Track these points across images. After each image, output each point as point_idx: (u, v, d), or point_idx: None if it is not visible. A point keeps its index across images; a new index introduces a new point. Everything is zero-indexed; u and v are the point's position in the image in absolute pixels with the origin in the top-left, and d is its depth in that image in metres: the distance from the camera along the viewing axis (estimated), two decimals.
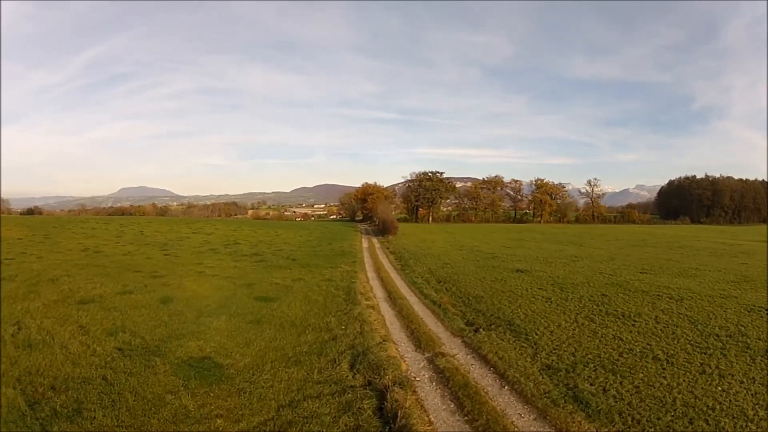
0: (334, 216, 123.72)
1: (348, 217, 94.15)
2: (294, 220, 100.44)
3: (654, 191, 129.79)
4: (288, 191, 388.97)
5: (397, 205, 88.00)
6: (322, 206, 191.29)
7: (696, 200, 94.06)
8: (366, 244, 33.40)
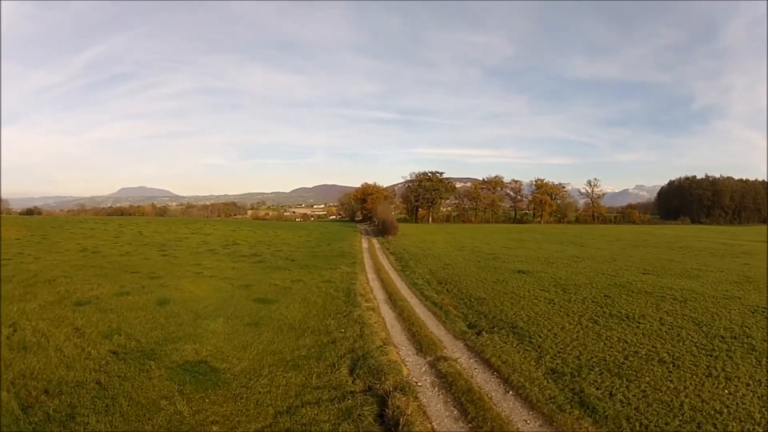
0: (334, 216, 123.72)
1: (348, 218, 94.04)
2: (293, 221, 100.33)
3: (654, 191, 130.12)
4: (287, 191, 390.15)
5: (397, 206, 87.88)
6: (322, 206, 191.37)
7: (696, 200, 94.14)
8: (366, 245, 33.24)
